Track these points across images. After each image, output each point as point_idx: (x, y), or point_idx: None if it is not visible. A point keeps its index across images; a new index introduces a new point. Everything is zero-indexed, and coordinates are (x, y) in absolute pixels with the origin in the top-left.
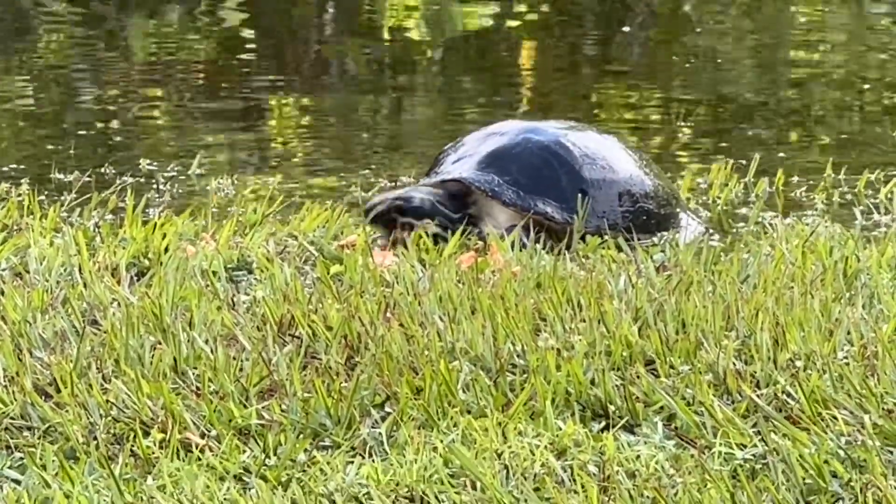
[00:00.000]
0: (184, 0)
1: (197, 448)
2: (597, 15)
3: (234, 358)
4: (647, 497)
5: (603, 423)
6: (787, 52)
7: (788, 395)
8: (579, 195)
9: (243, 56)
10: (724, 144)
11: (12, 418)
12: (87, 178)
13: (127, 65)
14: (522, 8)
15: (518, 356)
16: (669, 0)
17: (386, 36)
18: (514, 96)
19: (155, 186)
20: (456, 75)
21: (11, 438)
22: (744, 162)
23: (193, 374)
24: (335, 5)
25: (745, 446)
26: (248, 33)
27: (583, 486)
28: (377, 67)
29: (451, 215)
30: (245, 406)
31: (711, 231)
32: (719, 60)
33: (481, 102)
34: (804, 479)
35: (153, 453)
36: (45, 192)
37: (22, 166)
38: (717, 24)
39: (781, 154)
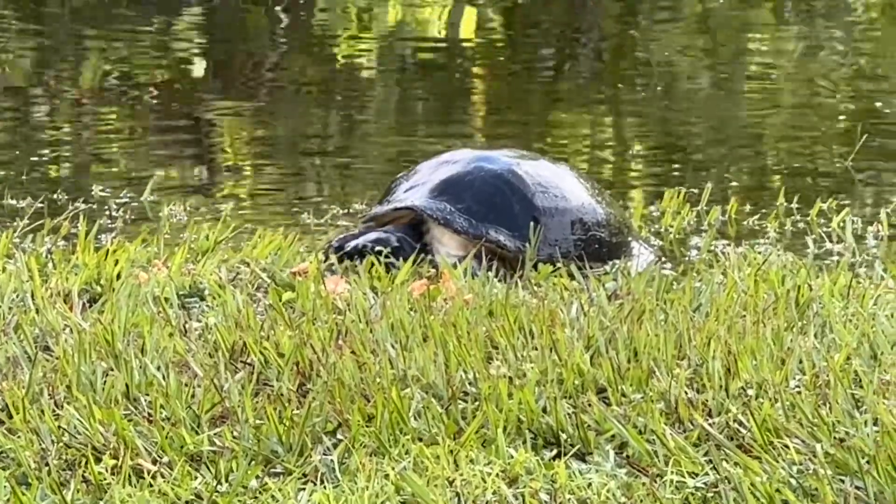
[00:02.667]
0: (135, 21)
1: (149, 474)
2: (549, 41)
3: (186, 384)
4: None
5: (554, 451)
6: (741, 80)
7: (740, 423)
8: (532, 223)
9: (195, 79)
10: (676, 173)
11: None
12: (40, 205)
13: (79, 89)
14: (474, 36)
15: (470, 384)
16: (619, 25)
17: (340, 59)
18: (466, 124)
19: (107, 213)
20: (409, 100)
21: None
22: (696, 190)
23: (145, 400)
24: (288, 28)
25: (697, 475)
26: (199, 56)
27: None
28: (330, 91)
29: (415, 245)
30: (197, 432)
31: (664, 259)
32: (672, 88)
33: (434, 129)
34: None
35: (105, 479)
36: None
37: None
38: (669, 52)
39: (734, 182)
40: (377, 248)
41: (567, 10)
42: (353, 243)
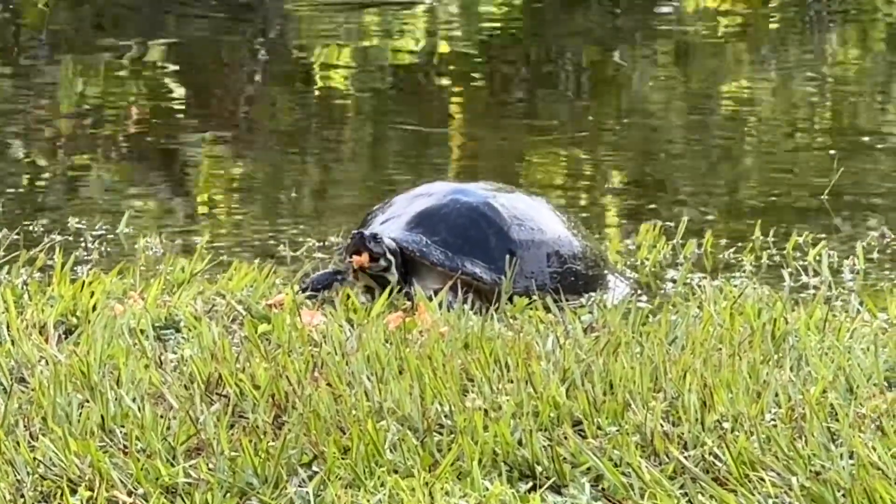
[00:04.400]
0: (112, 50)
1: None
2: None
3: (162, 416)
4: None
5: (530, 484)
6: (716, 113)
7: (716, 456)
8: (508, 256)
9: (171, 110)
10: (652, 206)
11: None
12: (16, 236)
13: (55, 121)
14: (451, 65)
15: (445, 416)
16: (597, 55)
17: (316, 89)
18: (442, 156)
19: (83, 244)
20: (385, 132)
21: None
22: (672, 224)
23: (121, 432)
24: (265, 59)
25: None
26: (176, 86)
27: None
28: (306, 123)
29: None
30: (172, 464)
31: (640, 292)
32: (647, 120)
33: (409, 161)
34: None
35: None
36: None
37: None
38: (645, 84)
39: (710, 216)
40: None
41: (541, 44)
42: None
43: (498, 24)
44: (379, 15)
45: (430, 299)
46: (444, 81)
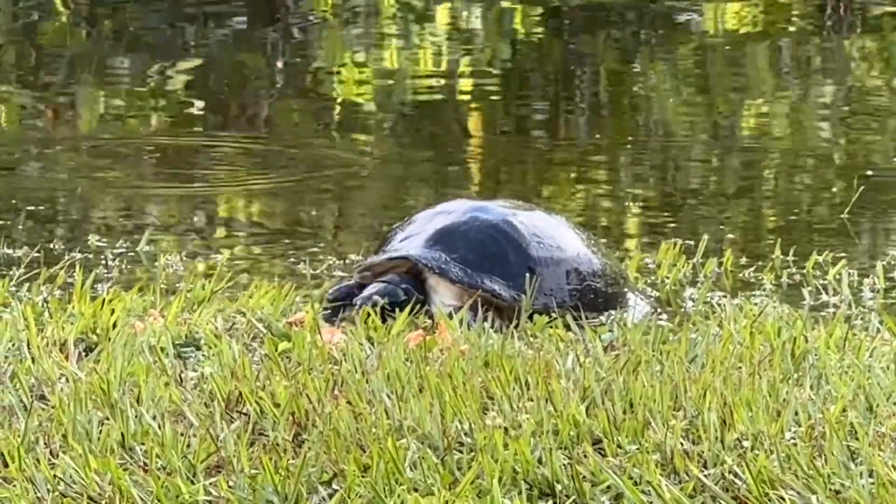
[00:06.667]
0: (132, 68)
1: None
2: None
3: (182, 434)
4: None
5: (550, 502)
6: (738, 132)
7: (736, 475)
8: (527, 273)
9: (192, 127)
10: (672, 224)
11: None
12: (36, 254)
13: (75, 137)
14: (470, 79)
15: (465, 434)
16: (616, 72)
17: (336, 107)
18: (463, 174)
19: (103, 262)
20: (406, 150)
21: None
22: (692, 242)
23: (141, 449)
24: (285, 76)
25: None
26: (196, 101)
27: None
28: (327, 140)
29: (420, 296)
30: (192, 482)
31: (660, 310)
32: (668, 139)
33: (431, 179)
34: None
35: None
36: None
37: None
38: (664, 102)
39: (730, 234)
40: (384, 301)
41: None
42: (361, 296)
43: (521, 39)
44: (399, 29)
45: (450, 317)
46: (464, 97)
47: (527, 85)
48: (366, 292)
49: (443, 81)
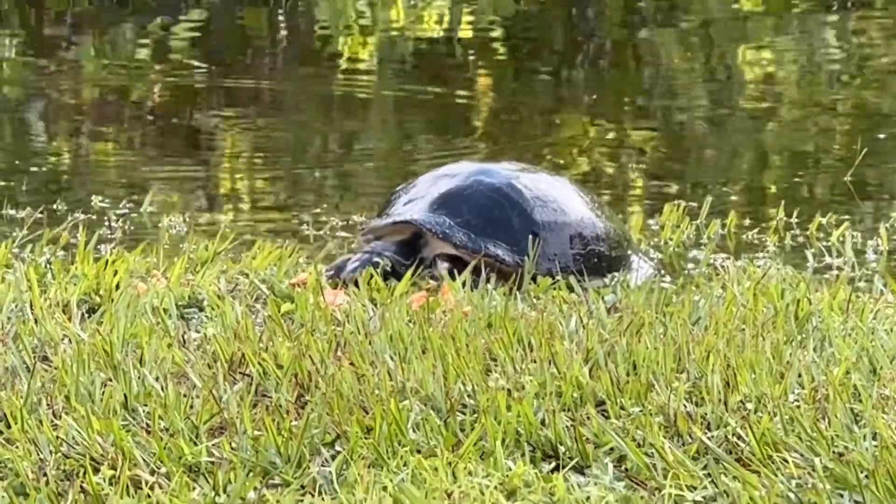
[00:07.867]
0: (134, 27)
1: (147, 485)
2: (550, 48)
3: (185, 395)
4: None
5: (553, 464)
6: (741, 94)
7: (739, 437)
8: (531, 237)
9: (195, 88)
10: (676, 186)
11: None
12: (39, 215)
13: (78, 98)
14: (475, 42)
15: (468, 396)
16: (621, 34)
17: (340, 67)
18: (466, 135)
19: (107, 223)
20: (408, 111)
21: None
22: (695, 204)
23: (144, 411)
24: (288, 35)
25: (696, 488)
26: (198, 64)
27: None
28: (330, 102)
29: (405, 264)
30: (195, 443)
31: (663, 273)
32: (671, 101)
33: (434, 140)
34: None
35: (103, 490)
36: None
37: None
38: (668, 63)
39: (733, 196)
40: (367, 269)
41: (566, 18)
42: (344, 272)
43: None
44: None
45: (453, 277)
46: (469, 58)
47: (530, 45)
48: (349, 266)
49: (446, 39)
